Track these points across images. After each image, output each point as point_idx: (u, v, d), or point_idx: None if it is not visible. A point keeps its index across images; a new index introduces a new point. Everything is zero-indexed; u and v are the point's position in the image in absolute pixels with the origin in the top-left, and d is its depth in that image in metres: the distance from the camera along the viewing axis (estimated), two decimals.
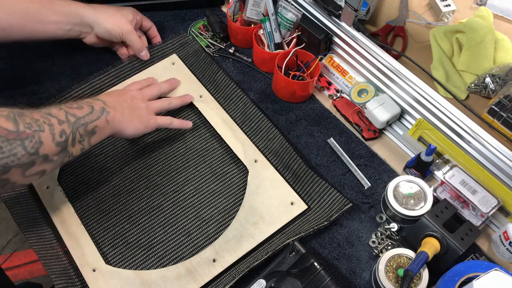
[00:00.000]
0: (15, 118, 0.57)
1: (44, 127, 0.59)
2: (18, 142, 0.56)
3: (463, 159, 0.74)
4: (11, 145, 0.55)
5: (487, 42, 0.85)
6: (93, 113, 0.65)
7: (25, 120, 0.57)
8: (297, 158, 0.76)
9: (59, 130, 0.60)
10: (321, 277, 0.64)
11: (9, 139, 0.55)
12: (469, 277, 0.60)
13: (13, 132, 0.56)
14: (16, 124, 0.56)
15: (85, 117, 0.64)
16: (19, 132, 0.56)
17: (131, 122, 0.71)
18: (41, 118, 0.59)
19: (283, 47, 0.86)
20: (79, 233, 0.70)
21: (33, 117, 0.59)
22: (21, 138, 0.56)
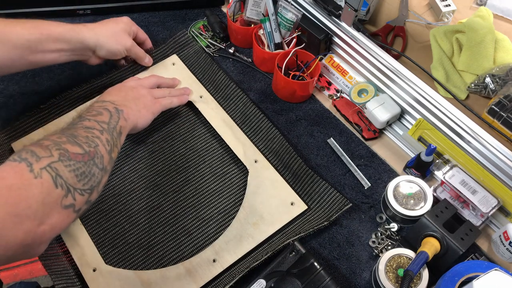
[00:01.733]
0: (76, 142, 0.57)
1: (97, 141, 0.60)
2: (92, 162, 0.57)
3: (463, 159, 0.74)
4: (89, 167, 0.57)
5: (487, 42, 0.85)
6: (113, 116, 0.66)
7: (82, 140, 0.58)
8: (297, 158, 0.76)
9: (105, 140, 0.62)
10: (321, 277, 0.64)
11: (86, 162, 0.56)
12: (469, 277, 0.60)
13: (85, 155, 0.57)
14: (81, 147, 0.57)
15: (111, 121, 0.65)
16: (88, 152, 0.57)
17: (140, 113, 0.71)
18: (88, 134, 0.60)
19: (283, 47, 0.86)
20: (79, 233, 0.70)
21: (82, 135, 0.59)
22: (91, 157, 0.57)
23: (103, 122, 0.64)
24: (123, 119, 0.67)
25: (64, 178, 0.53)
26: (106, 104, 0.68)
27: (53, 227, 0.51)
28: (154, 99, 0.76)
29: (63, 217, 0.53)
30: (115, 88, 0.75)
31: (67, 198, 0.53)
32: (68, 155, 0.55)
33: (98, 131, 0.62)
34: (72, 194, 0.53)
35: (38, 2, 0.94)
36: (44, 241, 0.51)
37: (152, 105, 0.74)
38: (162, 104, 0.76)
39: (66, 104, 0.82)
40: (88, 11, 0.96)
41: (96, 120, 0.63)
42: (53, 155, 0.53)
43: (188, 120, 0.83)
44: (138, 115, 0.71)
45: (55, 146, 0.55)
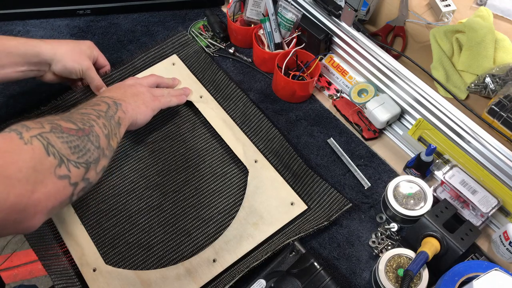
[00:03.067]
0: (70, 120, 0.58)
1: (92, 123, 0.60)
2: (86, 138, 0.57)
3: (463, 159, 0.74)
4: (83, 142, 0.57)
5: (487, 42, 0.85)
6: (111, 107, 0.66)
7: (77, 118, 0.59)
8: (297, 158, 0.76)
9: (102, 124, 0.62)
10: (321, 277, 0.64)
11: (80, 137, 0.56)
12: (469, 277, 0.60)
13: (79, 130, 0.57)
14: (75, 123, 0.57)
15: (109, 111, 0.65)
16: (82, 129, 0.57)
17: (139, 109, 0.71)
18: (83, 117, 0.60)
19: (283, 47, 0.86)
20: (79, 233, 0.70)
21: (77, 117, 0.60)
22: (86, 134, 0.57)
23: (100, 111, 0.64)
24: (122, 111, 0.67)
25: (56, 147, 0.52)
26: (104, 98, 0.68)
27: (48, 196, 0.51)
28: (153, 96, 0.75)
29: (58, 187, 0.52)
30: (114, 86, 0.75)
31: (61, 168, 0.52)
32: (60, 128, 0.55)
33: (94, 116, 0.62)
34: (66, 165, 0.53)
35: (38, 2, 0.94)
36: (39, 210, 0.51)
37: (151, 102, 0.74)
38: (161, 102, 0.76)
39: (66, 105, 0.82)
40: (88, 11, 0.96)
41: (93, 108, 0.63)
42: (44, 127, 0.53)
43: (188, 120, 0.83)
44: (137, 110, 0.71)
45: (47, 121, 0.55)
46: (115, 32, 0.94)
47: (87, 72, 0.78)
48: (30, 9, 0.94)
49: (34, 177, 0.49)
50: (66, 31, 0.94)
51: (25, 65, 0.74)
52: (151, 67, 0.87)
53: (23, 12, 0.94)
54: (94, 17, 0.96)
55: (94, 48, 0.81)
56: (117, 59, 0.89)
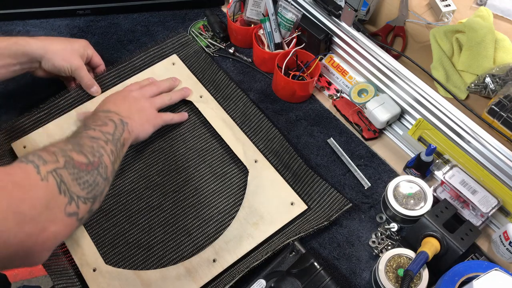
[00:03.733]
0: (81, 151, 0.58)
1: (102, 151, 0.60)
2: (96, 171, 0.57)
3: (463, 159, 0.74)
4: (93, 176, 0.57)
5: (487, 42, 0.85)
6: (118, 127, 0.66)
7: (87, 149, 0.59)
8: (297, 158, 0.76)
9: (110, 151, 0.62)
10: (321, 277, 0.64)
11: (89, 171, 0.57)
12: (469, 277, 0.60)
13: (89, 164, 0.57)
14: (86, 156, 0.57)
15: (116, 133, 0.65)
16: (92, 162, 0.58)
17: (143, 127, 0.72)
18: (93, 144, 0.60)
19: (283, 47, 0.86)
20: (79, 233, 0.70)
21: (87, 144, 0.60)
22: (95, 167, 0.58)
23: (108, 133, 0.64)
24: (128, 131, 0.68)
25: (67, 185, 0.53)
26: (111, 114, 0.68)
27: (56, 235, 0.51)
28: (156, 113, 0.76)
29: (67, 225, 0.52)
30: (119, 96, 0.74)
31: (71, 206, 0.53)
32: (73, 163, 0.55)
33: (103, 141, 0.62)
34: (76, 202, 0.53)
35: (38, 2, 0.94)
36: (46, 248, 0.51)
37: (154, 119, 0.74)
38: (164, 119, 0.77)
39: (66, 104, 0.82)
40: (88, 11, 0.96)
41: (101, 130, 0.63)
42: (59, 161, 0.53)
43: (188, 120, 0.83)
44: (140, 129, 0.71)
45: (61, 152, 0.55)
46: (115, 32, 0.94)
47: (76, 71, 0.79)
48: (30, 9, 0.94)
49: (45, 216, 0.49)
50: (66, 31, 0.94)
51: (17, 65, 0.75)
52: (151, 67, 0.87)
53: (23, 12, 0.94)
54: (94, 17, 0.96)
55: (88, 47, 0.81)
56: (117, 59, 0.89)
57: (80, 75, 0.79)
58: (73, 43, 0.79)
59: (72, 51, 0.78)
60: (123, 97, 0.74)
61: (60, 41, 0.78)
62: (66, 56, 0.77)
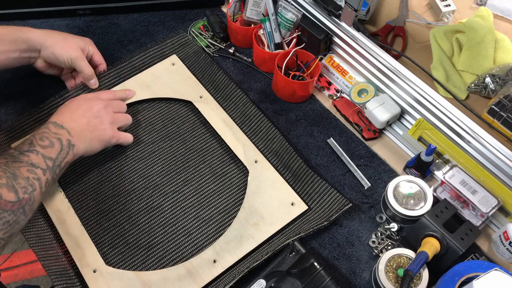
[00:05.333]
0: (14, 186, 0.57)
1: (35, 185, 0.60)
2: (21, 210, 0.57)
3: (463, 159, 0.74)
4: (16, 216, 0.56)
5: (487, 42, 0.85)
6: (63, 150, 0.66)
7: (21, 183, 0.58)
8: (297, 158, 0.76)
9: (45, 181, 0.62)
10: (321, 277, 0.64)
11: (13, 211, 0.56)
12: (469, 277, 0.60)
13: (16, 203, 0.56)
14: (16, 193, 0.57)
15: (58, 157, 0.65)
16: (20, 199, 0.57)
17: (91, 147, 0.71)
18: (30, 174, 0.60)
19: (283, 47, 0.86)
20: (79, 234, 0.70)
21: (23, 176, 0.59)
22: (22, 205, 0.57)
23: (50, 159, 0.63)
24: (72, 154, 0.67)
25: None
26: (61, 132, 0.67)
27: None
28: (113, 133, 0.74)
29: None
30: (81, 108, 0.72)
31: None
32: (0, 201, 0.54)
33: (41, 170, 0.61)
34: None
35: (38, 2, 0.94)
36: None
37: (108, 139, 0.73)
38: (119, 140, 0.75)
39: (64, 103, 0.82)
40: (88, 11, 0.96)
41: (44, 154, 0.63)
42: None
43: (188, 120, 0.83)
44: (87, 149, 0.71)
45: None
46: (115, 32, 0.94)
47: (75, 61, 0.78)
48: (30, 9, 0.94)
49: None
50: (66, 31, 0.94)
51: (17, 52, 0.75)
52: (150, 67, 0.87)
53: (23, 12, 0.94)
54: (94, 17, 0.96)
55: (90, 44, 0.82)
56: (117, 59, 0.89)
57: (80, 64, 0.79)
58: (75, 37, 0.80)
59: (73, 42, 0.78)
60: (84, 109, 0.72)
61: (62, 33, 0.79)
62: (66, 45, 0.77)
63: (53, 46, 0.77)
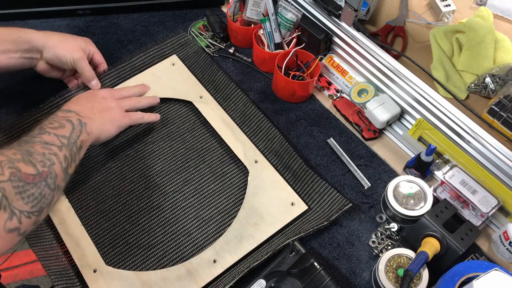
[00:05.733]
0: (30, 160, 0.56)
1: (53, 159, 0.59)
2: (43, 183, 0.56)
3: (463, 159, 0.74)
4: (39, 188, 0.56)
5: (487, 42, 0.85)
6: (75, 129, 0.65)
7: (37, 158, 0.57)
8: (297, 158, 0.76)
9: (63, 157, 0.61)
10: (321, 277, 0.64)
11: (36, 183, 0.55)
12: (469, 277, 0.60)
13: (37, 175, 0.56)
14: (34, 166, 0.56)
15: (72, 135, 0.64)
16: (40, 173, 0.56)
17: (104, 127, 0.70)
18: (45, 150, 0.59)
19: (283, 47, 0.86)
20: (79, 234, 0.70)
21: (39, 152, 0.58)
22: (44, 178, 0.56)
23: (63, 137, 0.62)
24: (86, 132, 0.66)
25: (9, 199, 0.51)
26: (70, 115, 0.66)
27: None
28: (122, 113, 0.74)
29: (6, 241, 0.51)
30: (84, 96, 0.73)
31: (12, 221, 0.51)
32: (19, 175, 0.53)
33: (56, 147, 0.60)
34: (18, 217, 0.52)
35: (38, 2, 0.94)
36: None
37: (119, 119, 0.73)
38: (132, 119, 0.75)
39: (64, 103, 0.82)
40: (88, 11, 0.96)
41: (56, 134, 0.62)
42: (4, 173, 0.51)
43: (188, 120, 0.83)
44: (102, 129, 0.70)
45: (8, 163, 0.53)
46: (115, 32, 0.94)
47: (78, 62, 0.78)
48: (30, 9, 0.94)
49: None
50: (66, 31, 0.94)
51: (18, 52, 0.75)
52: (150, 67, 0.87)
53: (23, 12, 0.94)
54: (94, 17, 0.96)
55: (90, 44, 0.81)
56: (117, 59, 0.89)
57: (82, 66, 0.79)
58: (76, 37, 0.80)
59: (74, 43, 0.78)
60: (87, 97, 0.73)
61: (62, 34, 0.79)
62: (68, 46, 0.77)
63: (56, 47, 0.76)
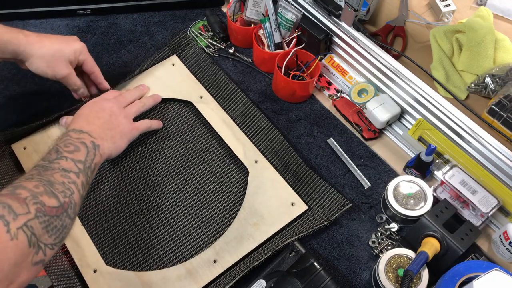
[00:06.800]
0: (52, 192, 0.56)
1: (72, 188, 0.59)
2: (65, 214, 0.56)
3: (463, 159, 0.74)
4: (61, 220, 0.55)
5: (487, 42, 0.85)
6: (89, 152, 0.65)
7: (58, 189, 0.57)
8: (297, 158, 0.76)
9: (81, 184, 0.61)
10: (321, 277, 0.64)
11: (58, 215, 0.55)
12: (469, 277, 0.60)
13: (60, 208, 0.55)
14: (57, 198, 0.56)
15: (87, 159, 0.64)
16: (62, 204, 0.56)
17: (115, 144, 0.71)
18: (64, 179, 0.59)
19: (283, 47, 0.86)
20: (79, 234, 0.70)
21: (59, 181, 0.58)
22: (65, 209, 0.56)
23: (80, 162, 0.63)
24: (99, 155, 0.67)
25: (37, 236, 0.51)
26: (83, 136, 0.66)
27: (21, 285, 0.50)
28: (131, 125, 0.74)
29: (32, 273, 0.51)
30: (93, 111, 0.72)
31: (38, 255, 0.51)
32: (44, 209, 0.53)
33: (74, 174, 0.61)
34: (43, 251, 0.52)
35: (38, 2, 0.94)
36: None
37: (129, 133, 0.73)
38: (140, 130, 0.76)
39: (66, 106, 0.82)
40: (88, 11, 0.96)
41: (73, 159, 0.62)
42: (30, 211, 0.51)
43: (188, 120, 0.83)
44: (113, 147, 0.70)
45: (33, 199, 0.53)
46: (115, 32, 0.94)
47: (63, 80, 0.76)
48: (30, 9, 0.94)
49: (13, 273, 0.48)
50: (66, 31, 0.94)
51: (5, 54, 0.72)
52: (150, 68, 0.87)
53: (23, 12, 0.94)
54: (94, 17, 0.96)
55: (81, 53, 0.77)
56: (117, 59, 0.89)
57: (69, 83, 0.77)
58: (64, 47, 0.75)
59: (61, 58, 0.75)
60: (96, 111, 0.72)
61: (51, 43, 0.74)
62: (52, 63, 0.74)
63: (39, 63, 0.73)
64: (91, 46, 0.82)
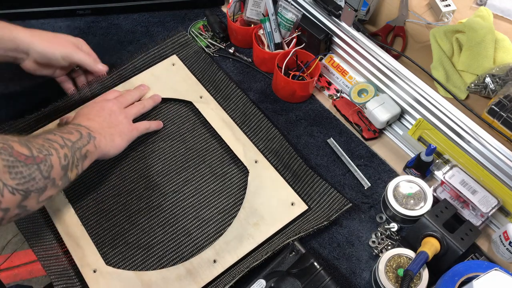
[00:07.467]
0: (27, 144, 0.56)
1: (52, 151, 0.59)
2: (35, 166, 0.56)
3: (463, 159, 0.74)
4: (30, 170, 0.55)
5: (487, 42, 0.85)
6: (83, 138, 0.65)
7: (35, 145, 0.57)
8: (297, 158, 0.76)
9: (63, 154, 0.60)
10: (321, 277, 0.64)
11: (27, 164, 0.55)
12: (469, 277, 0.60)
13: (30, 157, 0.56)
14: (30, 149, 0.56)
15: (78, 142, 0.64)
16: (34, 156, 0.56)
17: (113, 142, 0.70)
18: (45, 143, 0.59)
19: (283, 47, 0.86)
20: (79, 234, 0.70)
21: (38, 142, 0.58)
22: (36, 162, 0.56)
23: (69, 140, 0.62)
24: (93, 145, 0.66)
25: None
26: (79, 127, 0.66)
27: None
28: (131, 126, 0.75)
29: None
30: (94, 110, 0.72)
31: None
32: (10, 151, 0.53)
33: (58, 144, 0.60)
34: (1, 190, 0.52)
35: (38, 2, 0.94)
36: None
37: (128, 133, 0.73)
38: (139, 131, 0.76)
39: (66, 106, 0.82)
40: (88, 11, 0.96)
41: (62, 136, 0.62)
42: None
43: (188, 120, 0.83)
44: (110, 145, 0.70)
45: (2, 140, 0.53)
46: (116, 33, 0.94)
47: (71, 55, 0.75)
48: (30, 9, 0.94)
49: None
50: (67, 32, 0.94)
51: (1, 50, 0.72)
52: (150, 68, 0.87)
53: (23, 12, 0.94)
54: (95, 18, 0.96)
55: (84, 43, 0.79)
56: (117, 60, 0.89)
57: (78, 57, 0.76)
58: (68, 36, 0.77)
59: (65, 40, 0.76)
60: (96, 110, 0.72)
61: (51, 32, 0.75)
62: (55, 44, 0.74)
63: (42, 45, 0.73)
64: (92, 47, 0.82)
